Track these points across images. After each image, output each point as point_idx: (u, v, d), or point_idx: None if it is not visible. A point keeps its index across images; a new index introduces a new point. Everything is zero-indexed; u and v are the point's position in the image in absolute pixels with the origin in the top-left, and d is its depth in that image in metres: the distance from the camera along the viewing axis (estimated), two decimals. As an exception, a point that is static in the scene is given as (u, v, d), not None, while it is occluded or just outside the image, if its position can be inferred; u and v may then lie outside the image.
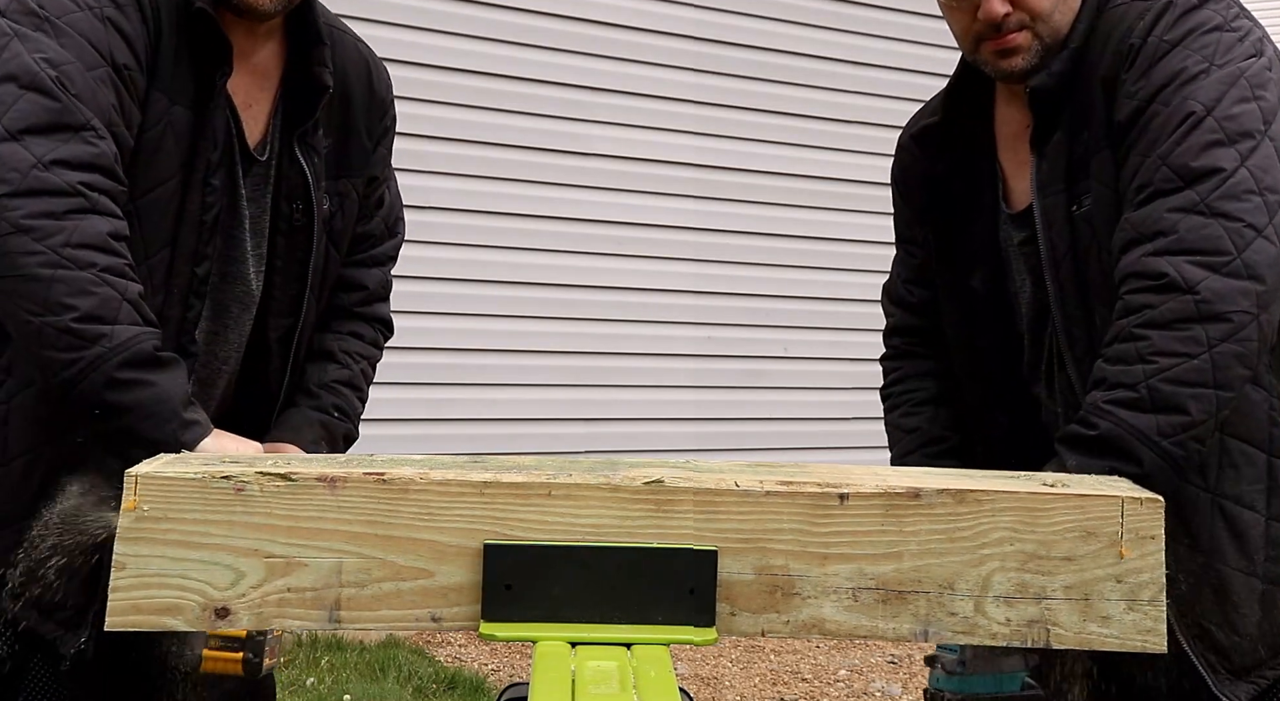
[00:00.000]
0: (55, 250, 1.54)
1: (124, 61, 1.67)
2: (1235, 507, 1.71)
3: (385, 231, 2.10)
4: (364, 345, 2.08)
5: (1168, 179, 1.63)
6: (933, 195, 2.00)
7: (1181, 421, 1.58)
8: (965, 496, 1.24)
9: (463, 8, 5.69)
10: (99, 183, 1.60)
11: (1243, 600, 1.70)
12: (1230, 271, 1.58)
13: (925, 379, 2.09)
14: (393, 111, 2.08)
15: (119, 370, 1.56)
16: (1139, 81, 1.70)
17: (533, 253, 5.84)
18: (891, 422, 2.12)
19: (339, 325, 2.05)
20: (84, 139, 1.60)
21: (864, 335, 6.44)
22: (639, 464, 1.29)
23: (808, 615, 1.24)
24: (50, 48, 1.62)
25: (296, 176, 1.87)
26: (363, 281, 2.07)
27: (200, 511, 1.20)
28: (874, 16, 6.68)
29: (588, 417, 5.98)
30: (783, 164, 6.45)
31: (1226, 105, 1.64)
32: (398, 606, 1.22)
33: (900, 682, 4.96)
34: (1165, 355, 1.58)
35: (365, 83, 2.00)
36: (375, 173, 2.03)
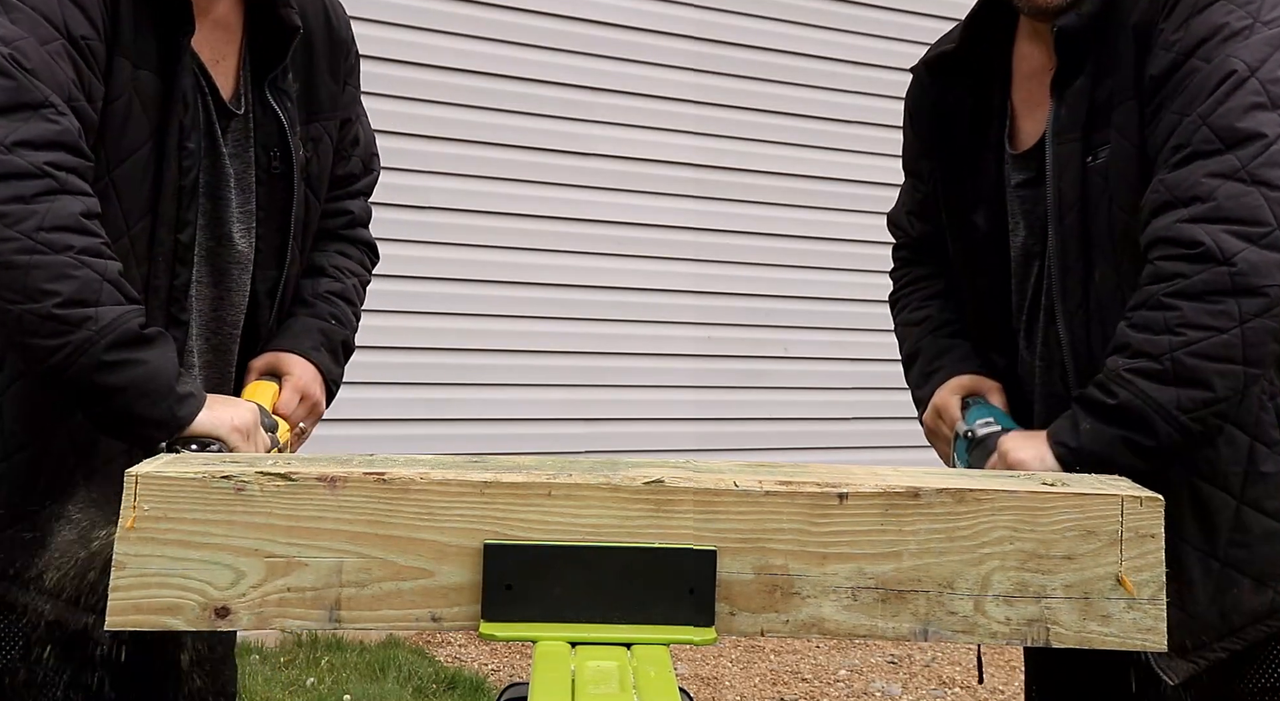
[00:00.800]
0: (29, 235, 1.50)
1: (81, 32, 1.62)
2: (1208, 488, 1.67)
3: (363, 168, 2.10)
4: (353, 263, 2.07)
5: (1207, 140, 1.56)
6: (941, 127, 1.95)
7: (1204, 397, 1.53)
8: (965, 496, 1.24)
9: (463, 8, 5.69)
10: (65, 161, 1.55)
11: (1196, 579, 1.66)
12: (1269, 243, 1.52)
13: (931, 278, 2.07)
14: (355, 48, 2.04)
15: (107, 352, 1.53)
16: (1177, 32, 1.62)
17: (533, 253, 5.84)
18: (901, 321, 2.09)
19: (326, 244, 2.04)
20: (45, 116, 1.55)
21: (864, 335, 6.45)
22: (639, 464, 1.30)
23: (807, 615, 1.24)
24: (2, 25, 1.57)
25: (271, 124, 1.85)
26: (347, 208, 2.07)
27: (200, 511, 1.20)
28: (874, 16, 6.68)
29: (588, 417, 5.98)
30: (783, 164, 6.45)
31: (1272, 67, 1.57)
32: (398, 606, 1.22)
33: (900, 682, 4.96)
34: (1194, 328, 1.53)
35: (324, 23, 1.96)
36: (347, 113, 2.01)
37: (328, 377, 1.95)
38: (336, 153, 1.99)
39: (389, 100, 5.20)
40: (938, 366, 1.97)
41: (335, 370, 1.97)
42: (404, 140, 5.17)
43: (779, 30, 6.46)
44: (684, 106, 6.23)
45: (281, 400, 1.87)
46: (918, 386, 2.01)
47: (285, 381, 1.89)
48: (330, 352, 1.95)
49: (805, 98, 6.52)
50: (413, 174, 5.31)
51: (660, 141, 6.14)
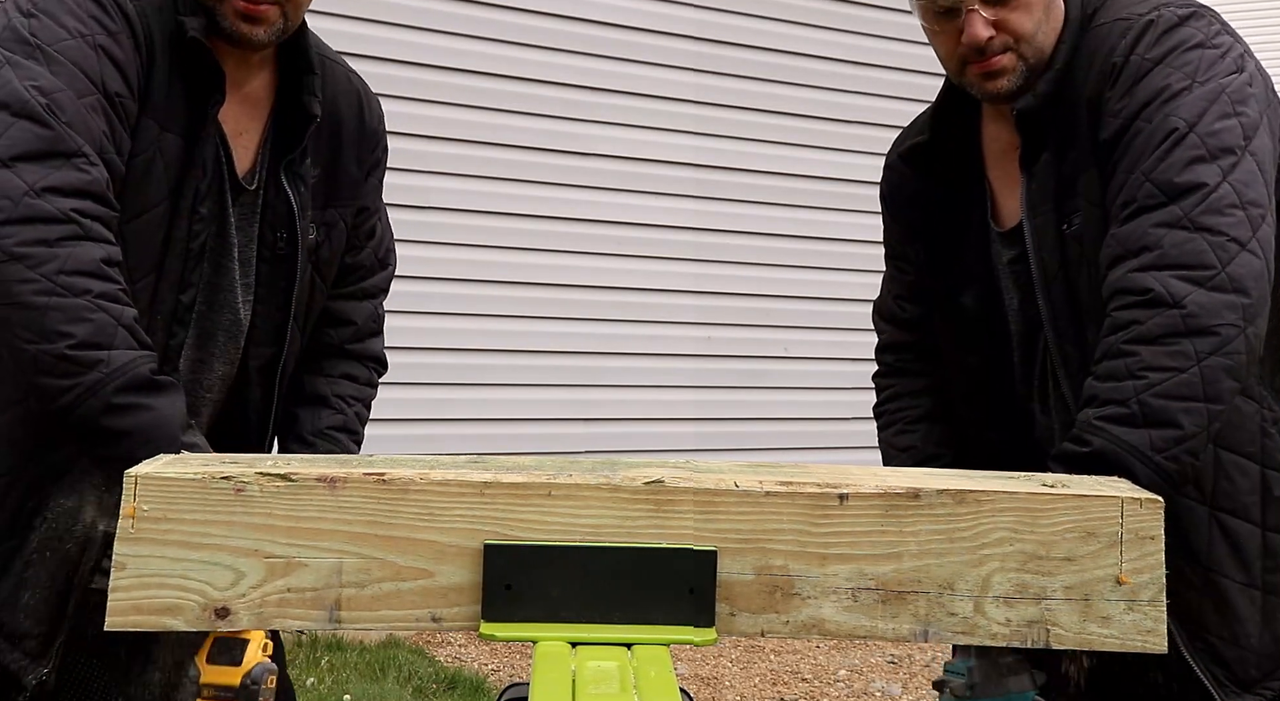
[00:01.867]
0: (49, 277, 1.55)
1: (116, 89, 1.67)
2: (1232, 520, 1.71)
3: (376, 263, 2.10)
4: (357, 387, 2.07)
5: (1151, 194, 1.64)
6: (923, 213, 2.00)
7: (1174, 435, 1.58)
8: (965, 497, 1.24)
9: (463, 8, 5.69)
10: (91, 209, 1.60)
11: (1244, 612, 1.71)
12: (1215, 285, 1.58)
13: (919, 396, 2.09)
14: (384, 143, 2.08)
15: (116, 395, 1.57)
16: (1123, 99, 1.71)
17: (533, 253, 5.84)
18: (885, 440, 2.12)
19: (331, 366, 2.05)
20: (76, 165, 1.60)
21: (864, 335, 6.40)
22: (639, 464, 1.30)
23: (807, 615, 1.24)
24: (42, 75, 1.62)
25: (282, 205, 1.87)
26: (350, 316, 2.06)
27: (200, 511, 1.20)
28: (874, 16, 6.68)
29: (588, 417, 5.98)
30: (782, 164, 6.45)
31: (1209, 121, 1.65)
32: (398, 606, 1.22)
33: (900, 682, 4.96)
34: (1155, 370, 1.58)
35: (356, 113, 2.00)
36: (365, 203, 2.03)
37: None
38: (348, 240, 2.00)
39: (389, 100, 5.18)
40: None
41: None
42: (404, 140, 5.17)
43: (779, 30, 6.46)
44: (684, 106, 6.23)
45: None
46: None
47: None
48: None
49: (805, 98, 6.51)
50: (413, 174, 5.30)
51: (660, 141, 6.14)
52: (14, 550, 1.72)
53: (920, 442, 2.05)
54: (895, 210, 2.08)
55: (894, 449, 2.09)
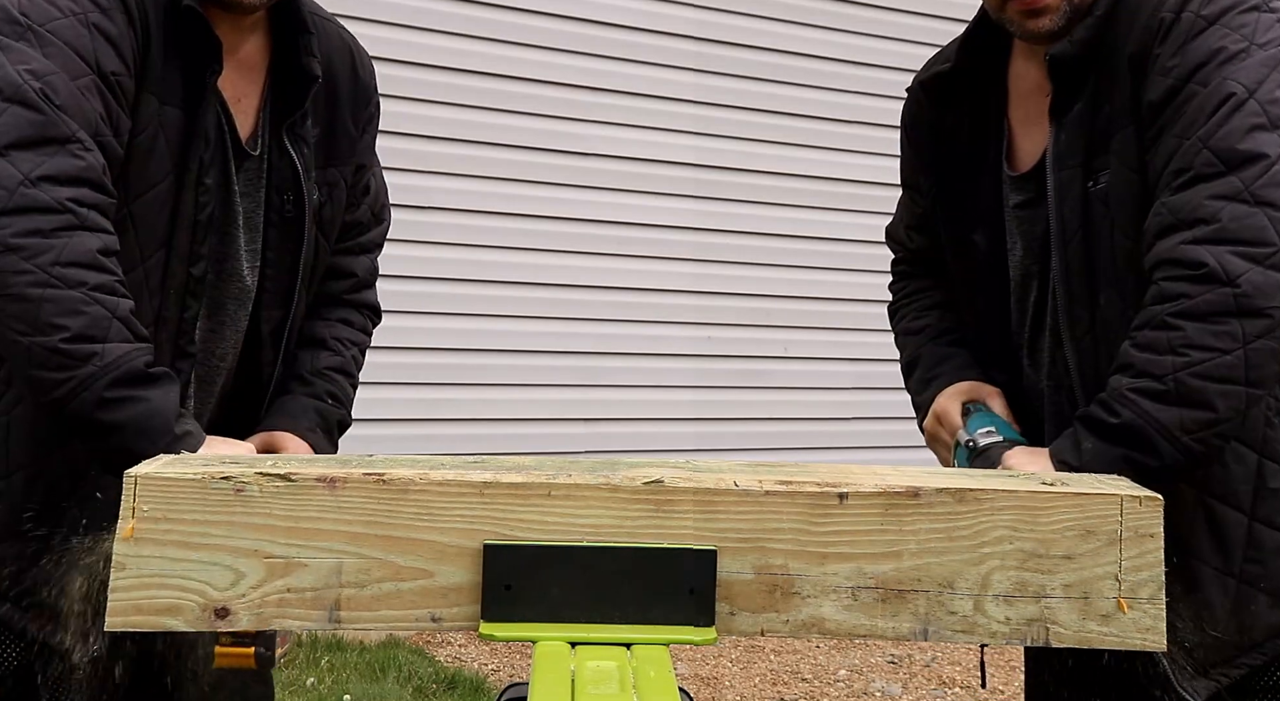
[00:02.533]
0: (44, 269, 1.52)
1: (111, 68, 1.64)
2: (1220, 506, 1.68)
3: (372, 218, 2.09)
4: (354, 332, 2.07)
5: (1209, 163, 1.56)
6: (938, 146, 1.95)
7: (1206, 418, 1.53)
8: (964, 495, 1.24)
9: (463, 8, 5.69)
10: (87, 197, 1.57)
11: (1214, 599, 1.67)
12: (1273, 264, 1.52)
13: (931, 290, 2.07)
14: (377, 98, 2.05)
15: (109, 389, 1.55)
16: (1174, 58, 1.62)
17: (533, 253, 5.84)
18: (900, 330, 2.09)
19: (328, 312, 2.04)
20: (70, 152, 1.57)
21: (864, 335, 6.45)
22: (639, 464, 1.30)
23: (807, 614, 1.24)
24: (34, 58, 1.58)
25: (287, 168, 1.86)
26: (352, 269, 2.06)
27: (200, 512, 1.20)
28: (874, 16, 6.68)
29: (588, 417, 5.98)
30: (783, 164, 6.45)
31: (1269, 88, 1.57)
32: (398, 606, 1.22)
33: (900, 682, 4.96)
34: (1197, 349, 1.53)
35: (350, 70, 1.97)
36: (362, 160, 2.01)
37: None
38: (347, 198, 2.00)
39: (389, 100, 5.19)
40: (938, 373, 1.97)
41: (329, 449, 1.98)
42: (404, 140, 5.18)
43: (779, 30, 6.46)
44: (684, 106, 6.23)
45: None
46: (917, 393, 2.01)
47: None
48: (325, 433, 1.95)
49: (805, 98, 6.52)
50: (413, 174, 5.31)
51: (660, 141, 6.15)
52: (50, 535, 1.70)
53: (935, 321, 2.03)
54: (914, 139, 2.02)
55: (908, 334, 2.06)
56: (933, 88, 1.94)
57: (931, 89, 1.95)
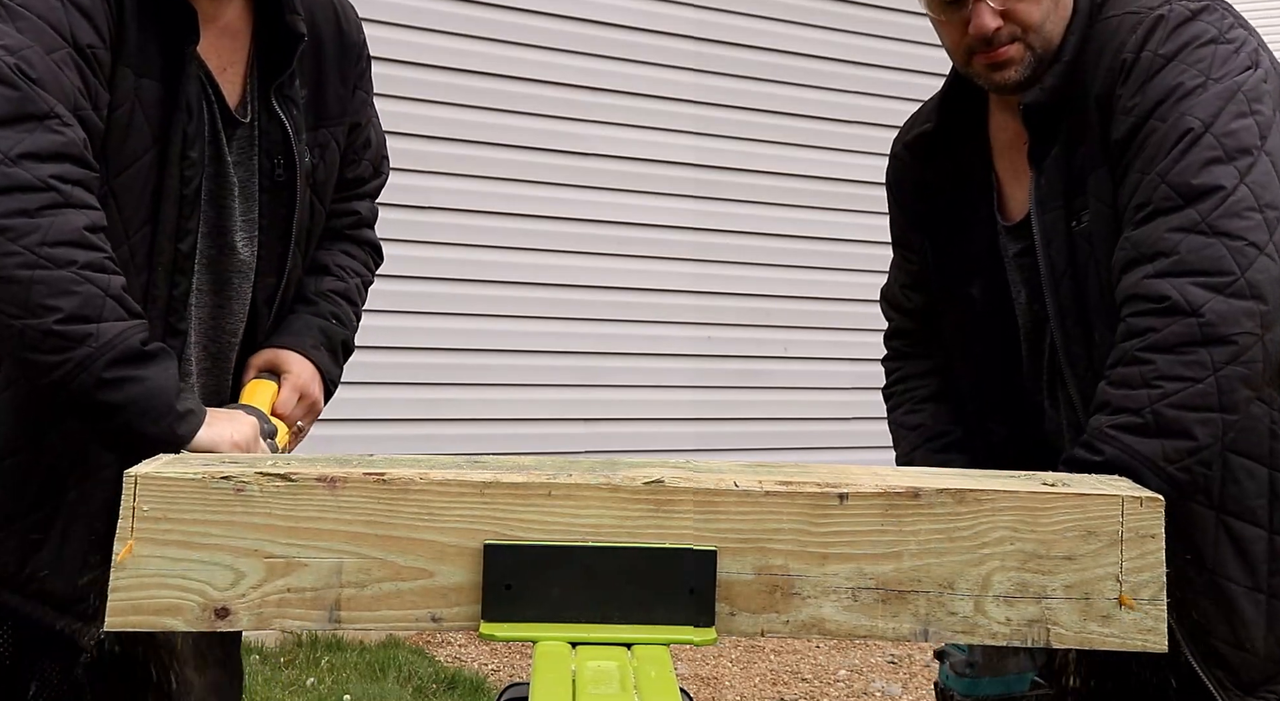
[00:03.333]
0: (32, 249, 1.49)
1: (87, 41, 1.60)
2: (1239, 523, 1.70)
3: (373, 171, 2.08)
4: (356, 263, 2.05)
5: (1167, 197, 1.61)
6: (928, 203, 1.98)
7: (1188, 446, 1.56)
8: (965, 496, 1.24)
9: (463, 8, 5.69)
10: (70, 173, 1.54)
11: (1249, 616, 1.69)
12: (1234, 292, 1.56)
13: (926, 377, 2.08)
14: (366, 52, 2.01)
15: (107, 369, 1.52)
16: (1134, 97, 1.67)
17: (533, 253, 5.84)
18: (895, 421, 2.11)
19: (331, 243, 2.02)
20: (49, 127, 1.54)
21: (864, 335, 6.44)
22: (639, 464, 1.29)
23: (807, 615, 1.24)
24: (7, 34, 1.55)
25: (276, 132, 1.83)
26: (354, 209, 2.05)
27: (200, 511, 1.20)
28: (874, 16, 6.68)
29: (588, 417, 5.98)
30: (783, 164, 6.44)
31: (1224, 121, 1.62)
32: (398, 606, 1.22)
33: (900, 682, 4.96)
34: (1170, 379, 1.56)
35: (335, 26, 1.94)
36: (357, 118, 1.98)
37: (326, 377, 1.94)
38: (345, 156, 1.97)
39: (389, 100, 5.18)
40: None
41: (334, 369, 1.96)
42: (404, 140, 5.17)
43: (779, 30, 6.46)
44: (684, 106, 6.23)
45: (280, 399, 1.86)
46: None
47: (284, 380, 1.88)
48: (330, 352, 1.94)
49: (805, 98, 6.51)
50: (413, 174, 5.30)
51: (660, 141, 6.14)
52: (50, 518, 1.70)
53: (930, 420, 2.04)
54: (900, 199, 2.06)
55: (903, 428, 2.08)
56: (917, 148, 1.98)
57: (916, 149, 1.99)
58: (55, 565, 1.69)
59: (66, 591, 1.69)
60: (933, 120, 1.96)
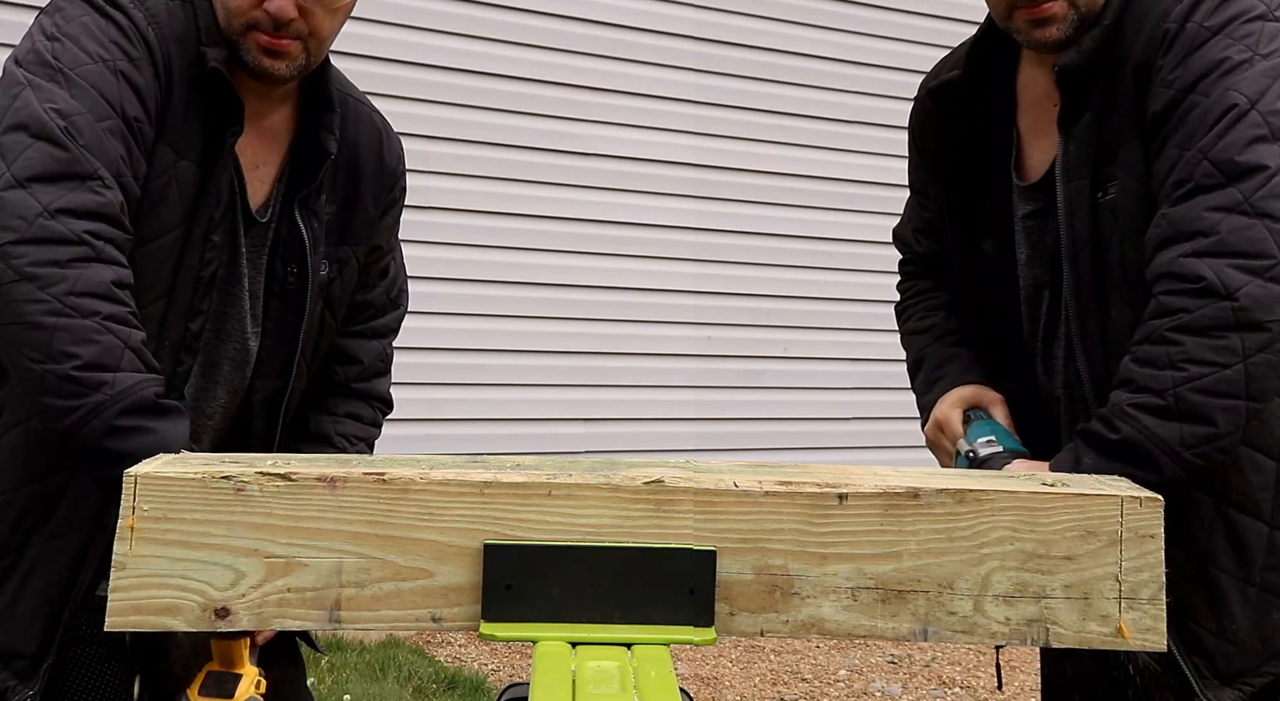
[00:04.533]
0: (59, 298, 1.55)
1: (134, 114, 1.68)
2: (1238, 515, 1.67)
3: (387, 302, 2.10)
4: (361, 426, 2.07)
5: (1209, 174, 1.56)
6: (947, 154, 1.93)
7: (1207, 433, 1.53)
8: (964, 496, 1.24)
9: (463, 8, 5.69)
10: (104, 231, 1.60)
11: (1235, 608, 1.67)
12: (1273, 276, 1.51)
13: (938, 291, 2.06)
14: (403, 183, 2.07)
15: (119, 417, 1.56)
16: (1176, 69, 1.61)
17: (533, 253, 5.84)
18: (906, 330, 2.08)
19: (335, 405, 2.04)
20: (90, 188, 1.60)
21: (864, 335, 6.45)
22: (639, 464, 1.30)
23: (807, 615, 1.24)
24: (61, 98, 1.63)
25: (294, 240, 1.87)
26: (357, 354, 2.06)
27: (200, 511, 1.20)
28: (874, 16, 6.68)
29: (588, 417, 5.98)
30: (783, 164, 6.45)
31: (1271, 99, 1.56)
32: (398, 606, 1.22)
33: (900, 682, 4.96)
34: (1197, 363, 1.52)
35: (376, 152, 2.00)
36: (379, 242, 2.02)
37: None
38: (360, 278, 2.00)
39: (389, 100, 5.19)
40: (941, 374, 1.96)
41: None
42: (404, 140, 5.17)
43: (779, 30, 6.46)
44: (684, 106, 6.23)
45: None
46: (921, 394, 2.01)
47: None
48: None
49: (805, 98, 6.52)
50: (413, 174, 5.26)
51: (660, 141, 6.15)
52: (9, 569, 1.73)
53: (941, 321, 2.02)
54: (922, 146, 2.02)
55: (914, 333, 2.06)
56: (941, 95, 1.93)
57: (940, 97, 1.93)
58: (4, 618, 1.72)
59: (9, 645, 1.71)
60: (960, 68, 1.90)
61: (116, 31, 1.69)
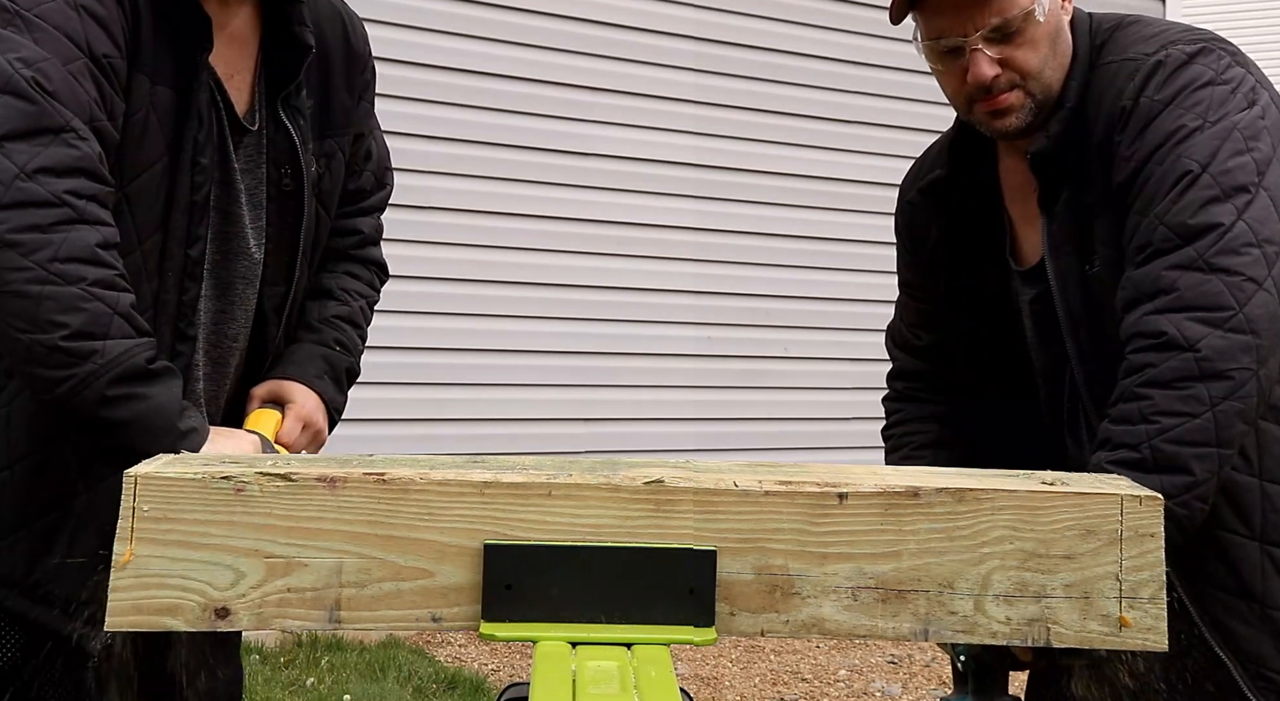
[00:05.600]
0: (43, 265, 1.50)
1: (103, 50, 1.60)
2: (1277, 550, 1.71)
3: (375, 184, 2.08)
4: (361, 284, 2.06)
5: (1166, 238, 1.63)
6: (943, 248, 1.99)
7: (1185, 481, 1.58)
8: (964, 495, 1.24)
9: (463, 8, 5.70)
10: (85, 188, 1.54)
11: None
12: (1232, 326, 1.57)
13: (928, 422, 2.08)
14: (371, 63, 2.02)
15: (111, 386, 1.53)
16: (1134, 144, 1.69)
17: (533, 253, 5.84)
18: (893, 464, 2.11)
19: (335, 265, 2.03)
20: (65, 141, 1.54)
21: (864, 335, 6.45)
22: (639, 464, 1.29)
23: (807, 615, 1.24)
24: (23, 45, 1.54)
25: (283, 141, 1.83)
26: (357, 227, 2.05)
27: (200, 511, 1.20)
28: (874, 16, 6.67)
29: (588, 417, 5.98)
30: (783, 164, 6.45)
31: (1221, 160, 1.63)
32: (398, 606, 1.22)
33: (900, 682, 4.96)
34: (1167, 415, 1.58)
35: (342, 38, 1.94)
36: (360, 129, 1.99)
37: (330, 406, 1.95)
38: (348, 167, 1.98)
39: (389, 100, 5.18)
40: None
41: (338, 398, 1.96)
42: (404, 140, 5.18)
43: (779, 30, 6.46)
44: (684, 106, 6.23)
45: (284, 429, 1.87)
46: None
47: (288, 409, 1.89)
48: (334, 380, 1.94)
49: (805, 98, 6.52)
50: (413, 174, 5.31)
51: (660, 141, 6.15)
52: (60, 521, 1.70)
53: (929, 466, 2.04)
54: (914, 244, 2.06)
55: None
56: (932, 194, 1.99)
57: (930, 194, 1.99)
58: (63, 570, 1.69)
59: (74, 596, 1.69)
60: (944, 165, 1.96)
61: None
